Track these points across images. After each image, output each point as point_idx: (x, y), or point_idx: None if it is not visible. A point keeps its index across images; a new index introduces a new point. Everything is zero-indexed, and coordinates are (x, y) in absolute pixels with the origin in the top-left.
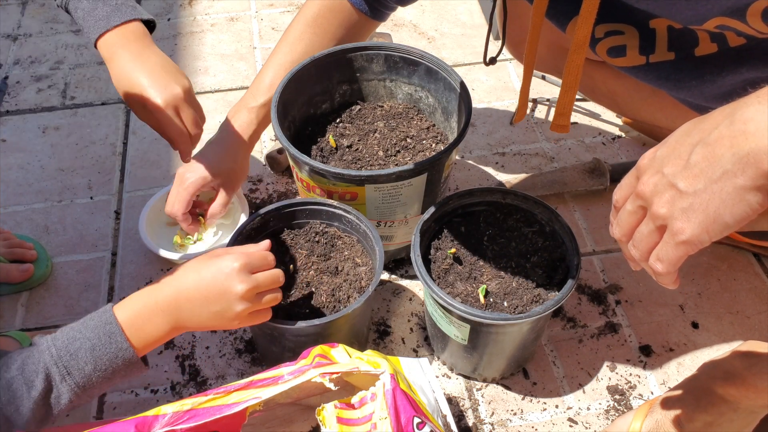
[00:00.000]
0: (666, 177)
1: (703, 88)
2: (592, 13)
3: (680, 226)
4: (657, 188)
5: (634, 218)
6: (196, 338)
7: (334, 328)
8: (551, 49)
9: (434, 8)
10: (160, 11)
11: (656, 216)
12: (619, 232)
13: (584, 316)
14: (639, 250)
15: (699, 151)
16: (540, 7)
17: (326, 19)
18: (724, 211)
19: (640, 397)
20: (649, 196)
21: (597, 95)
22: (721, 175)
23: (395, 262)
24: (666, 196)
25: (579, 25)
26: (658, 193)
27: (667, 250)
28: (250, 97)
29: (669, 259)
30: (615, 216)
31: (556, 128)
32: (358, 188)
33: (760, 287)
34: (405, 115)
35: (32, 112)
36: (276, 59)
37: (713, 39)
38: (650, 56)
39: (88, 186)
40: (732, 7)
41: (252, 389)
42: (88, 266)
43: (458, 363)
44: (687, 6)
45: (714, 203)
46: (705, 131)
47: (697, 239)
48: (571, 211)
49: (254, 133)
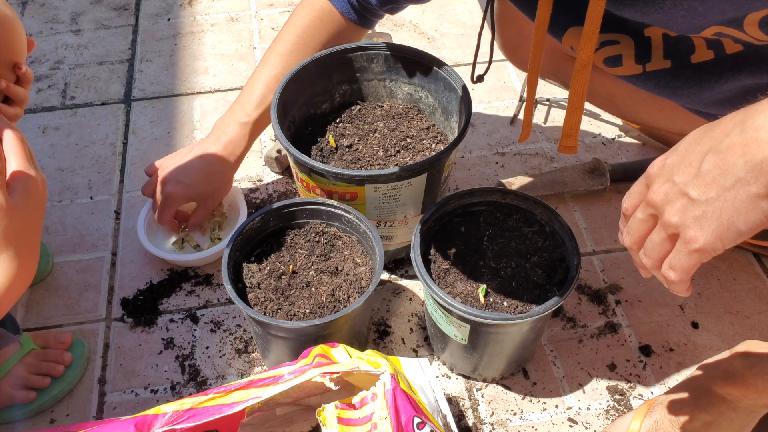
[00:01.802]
0: (677, 185)
1: (701, 94)
2: (594, 33)
3: (693, 235)
4: (668, 197)
5: (644, 226)
6: (196, 338)
7: (334, 328)
8: (548, 53)
9: (434, 8)
10: (160, 11)
11: (668, 224)
12: (630, 240)
13: (584, 316)
14: (651, 259)
15: (710, 159)
16: (542, 25)
17: (316, 29)
18: (737, 219)
19: (640, 397)
20: (660, 205)
21: (596, 98)
22: (733, 183)
23: (395, 262)
24: (678, 205)
25: (582, 45)
26: (669, 202)
27: (679, 259)
28: (240, 109)
29: (682, 267)
30: (624, 224)
31: (564, 150)
32: (358, 188)
33: (760, 287)
34: (405, 115)
35: (32, 112)
36: (266, 71)
37: (710, 46)
38: (647, 65)
39: (88, 186)
40: (730, 18)
41: (252, 389)
42: (88, 266)
43: (458, 363)
44: (683, 18)
45: (727, 211)
46: (716, 139)
47: (711, 247)
48: (571, 211)
49: (244, 151)
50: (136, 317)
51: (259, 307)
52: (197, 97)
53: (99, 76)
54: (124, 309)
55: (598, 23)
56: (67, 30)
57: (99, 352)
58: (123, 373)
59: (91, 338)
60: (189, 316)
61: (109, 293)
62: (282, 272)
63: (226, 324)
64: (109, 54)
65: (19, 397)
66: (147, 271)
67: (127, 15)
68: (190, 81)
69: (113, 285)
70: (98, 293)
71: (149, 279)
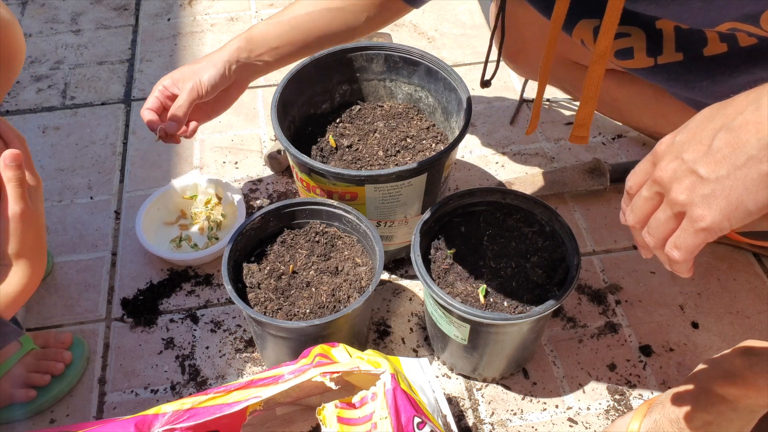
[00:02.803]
0: (686, 163)
1: (714, 88)
2: (614, 23)
3: (701, 213)
4: (676, 174)
5: (649, 204)
6: (196, 338)
7: (334, 328)
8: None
9: (434, 8)
10: (160, 11)
11: (675, 202)
12: (633, 218)
13: (584, 316)
14: (654, 237)
15: (722, 136)
16: (558, 19)
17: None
18: (747, 198)
19: (640, 397)
20: (668, 182)
21: (599, 104)
22: (745, 161)
23: (395, 262)
24: (686, 183)
25: (600, 36)
26: (677, 179)
27: (685, 238)
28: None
29: (687, 246)
30: (628, 203)
31: (575, 140)
32: (358, 188)
33: (760, 287)
34: (405, 115)
35: (32, 112)
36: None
37: (723, 39)
38: (658, 57)
39: (88, 186)
40: (746, 13)
41: (252, 388)
42: (88, 266)
43: (458, 363)
44: (699, 11)
45: (737, 190)
46: (729, 116)
47: (718, 226)
48: (571, 211)
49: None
50: (136, 317)
51: (259, 307)
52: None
53: (99, 76)
54: (124, 309)
55: (619, 12)
56: (67, 30)
57: (99, 352)
58: (123, 373)
59: (91, 338)
60: (189, 316)
61: (109, 293)
62: (282, 272)
63: (226, 324)
64: (109, 54)
65: (19, 395)
66: (147, 271)
67: (127, 15)
68: None
69: (113, 285)
70: (98, 293)
71: (149, 279)
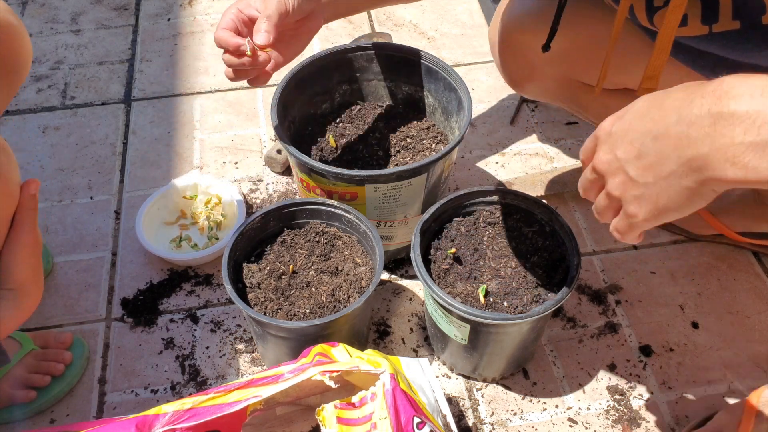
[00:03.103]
0: (619, 160)
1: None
2: None
3: (633, 211)
4: (611, 167)
5: (593, 185)
6: (196, 338)
7: (334, 328)
8: (562, 82)
9: (434, 8)
10: (160, 11)
11: (611, 195)
12: (583, 193)
13: (584, 316)
14: (600, 216)
15: (648, 143)
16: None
17: None
18: (672, 205)
19: (640, 397)
20: (604, 174)
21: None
22: (668, 174)
23: (395, 262)
24: (618, 179)
25: None
26: (611, 174)
27: (623, 226)
28: None
29: (626, 232)
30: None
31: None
32: (358, 188)
33: (760, 287)
34: (405, 115)
35: (32, 112)
36: None
37: None
38: (713, 25)
39: (88, 186)
40: None
41: (252, 388)
42: (88, 266)
43: (458, 363)
44: None
45: (662, 198)
46: (656, 121)
47: (650, 224)
48: (571, 211)
49: None
50: (136, 317)
51: (259, 307)
52: (197, 97)
53: (99, 76)
54: (124, 309)
55: None
56: (67, 30)
57: (99, 352)
58: (123, 373)
59: (91, 338)
60: (189, 316)
61: (109, 293)
62: (282, 272)
63: (226, 324)
64: (109, 54)
65: (19, 396)
66: (147, 271)
67: (127, 15)
68: (190, 81)
69: (113, 285)
70: (98, 293)
71: (149, 279)
